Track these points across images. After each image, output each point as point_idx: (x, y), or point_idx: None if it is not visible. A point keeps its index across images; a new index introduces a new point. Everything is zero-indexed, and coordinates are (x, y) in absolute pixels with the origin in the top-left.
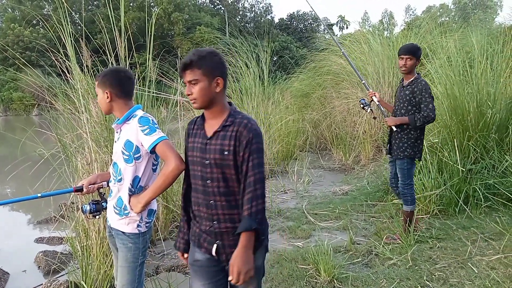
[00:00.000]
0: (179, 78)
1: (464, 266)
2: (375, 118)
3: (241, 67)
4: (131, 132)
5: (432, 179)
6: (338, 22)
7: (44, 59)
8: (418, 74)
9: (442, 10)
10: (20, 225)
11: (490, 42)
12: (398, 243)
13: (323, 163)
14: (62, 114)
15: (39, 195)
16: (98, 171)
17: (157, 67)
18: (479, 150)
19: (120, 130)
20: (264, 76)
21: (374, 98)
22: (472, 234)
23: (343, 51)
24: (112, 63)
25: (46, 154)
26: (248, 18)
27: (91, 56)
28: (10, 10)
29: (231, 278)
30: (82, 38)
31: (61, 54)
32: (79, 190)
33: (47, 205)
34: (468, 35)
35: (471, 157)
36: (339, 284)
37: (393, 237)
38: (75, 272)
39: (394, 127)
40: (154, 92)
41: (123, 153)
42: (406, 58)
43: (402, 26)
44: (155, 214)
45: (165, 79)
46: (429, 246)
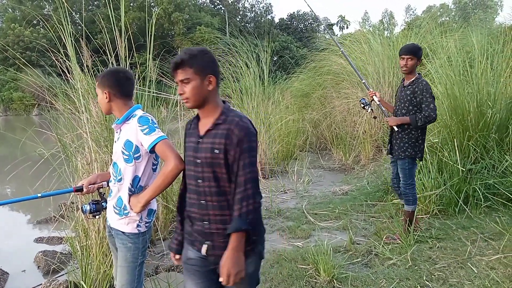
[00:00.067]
0: None
1: (463, 266)
2: (375, 117)
3: (241, 67)
4: (130, 132)
5: (432, 179)
6: (338, 22)
7: (44, 59)
8: (419, 74)
9: (442, 10)
10: (20, 225)
11: (490, 42)
12: (397, 243)
13: (323, 163)
14: (62, 114)
15: (39, 195)
16: (98, 171)
17: (157, 67)
18: (479, 150)
19: (120, 130)
20: (264, 76)
21: (375, 98)
22: (472, 234)
23: (342, 50)
24: (112, 63)
25: (46, 154)
26: (248, 18)
27: (91, 56)
28: (10, 10)
29: (221, 280)
30: (82, 38)
31: (61, 54)
32: (79, 190)
33: (47, 205)
34: (468, 35)
35: (471, 157)
36: (339, 284)
37: (392, 237)
38: (74, 272)
39: (395, 127)
40: (154, 92)
41: (123, 153)
42: (407, 58)
43: (402, 26)
44: (155, 214)
45: (165, 79)
46: (428, 246)
